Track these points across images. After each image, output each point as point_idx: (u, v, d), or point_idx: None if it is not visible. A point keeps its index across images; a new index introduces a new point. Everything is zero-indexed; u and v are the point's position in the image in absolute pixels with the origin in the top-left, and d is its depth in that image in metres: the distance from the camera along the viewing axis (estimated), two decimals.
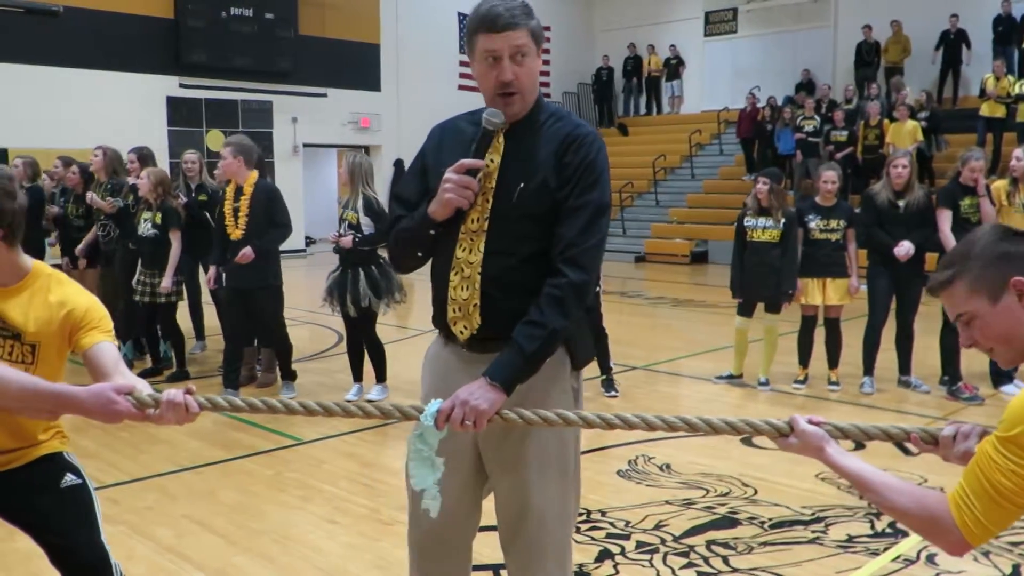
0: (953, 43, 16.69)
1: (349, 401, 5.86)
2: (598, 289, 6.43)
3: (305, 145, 18.37)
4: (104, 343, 2.31)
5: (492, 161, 2.24)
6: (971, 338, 1.81)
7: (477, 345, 2.27)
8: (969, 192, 6.30)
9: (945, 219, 6.23)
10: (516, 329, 2.16)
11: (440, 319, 2.33)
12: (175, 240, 6.77)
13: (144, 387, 2.16)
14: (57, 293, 2.34)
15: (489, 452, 2.34)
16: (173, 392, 2.10)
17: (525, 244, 2.21)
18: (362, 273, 6.08)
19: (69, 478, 2.44)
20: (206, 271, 7.30)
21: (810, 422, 1.92)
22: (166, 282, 6.75)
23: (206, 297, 7.67)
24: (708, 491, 4.51)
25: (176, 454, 5.20)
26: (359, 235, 6.02)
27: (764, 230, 6.45)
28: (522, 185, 2.20)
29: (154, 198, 6.76)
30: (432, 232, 2.25)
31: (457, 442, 2.25)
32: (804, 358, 6.76)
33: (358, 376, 6.43)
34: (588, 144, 2.22)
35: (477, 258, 2.22)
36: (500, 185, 2.22)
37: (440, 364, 2.39)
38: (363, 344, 6.35)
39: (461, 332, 2.27)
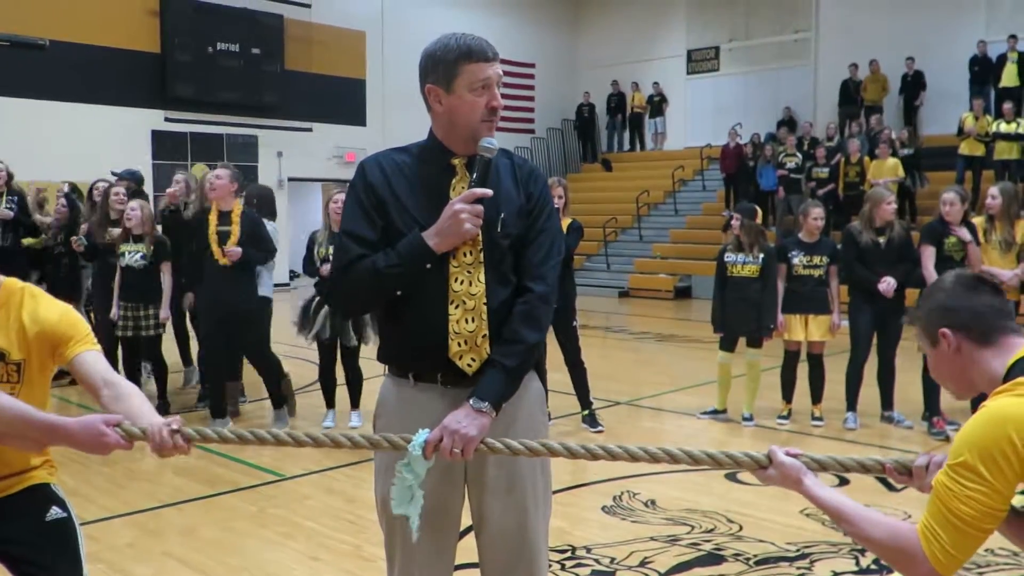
0: (911, 85, 17.04)
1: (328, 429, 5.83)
2: (575, 323, 6.48)
3: (290, 179, 18.41)
4: (88, 353, 2.30)
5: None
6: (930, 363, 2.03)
7: (470, 379, 2.25)
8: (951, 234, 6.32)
9: (928, 256, 6.25)
10: (493, 350, 2.23)
11: (431, 358, 2.26)
12: (167, 271, 6.77)
13: (138, 404, 2.16)
14: (30, 307, 2.31)
15: (478, 474, 2.32)
16: (161, 425, 2.09)
17: (514, 272, 2.31)
18: None
19: (55, 511, 2.40)
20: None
21: (788, 454, 1.97)
22: (164, 312, 6.76)
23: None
24: (693, 527, 4.50)
25: (157, 490, 5.14)
26: None
27: (743, 265, 6.49)
28: (503, 214, 2.27)
29: (144, 230, 6.75)
30: (428, 266, 2.22)
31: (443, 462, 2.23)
32: (787, 393, 6.78)
33: (331, 403, 6.57)
34: (541, 177, 2.41)
35: (479, 289, 2.24)
36: (484, 215, 2.25)
37: (418, 409, 2.29)
38: (336, 372, 6.49)
39: (469, 365, 2.24)
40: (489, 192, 2.21)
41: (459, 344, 2.24)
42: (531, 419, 2.37)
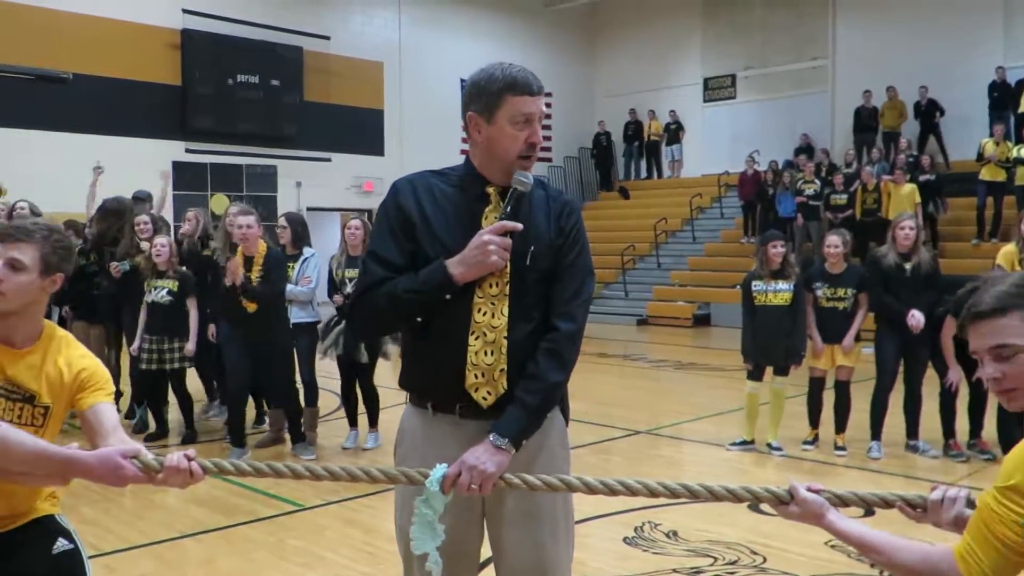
0: (926, 113, 16.99)
1: (346, 464, 5.82)
2: None
3: (309, 209, 18.50)
4: (105, 404, 2.31)
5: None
6: (1001, 372, 1.70)
7: (492, 414, 2.22)
8: None
9: (951, 327, 5.99)
10: (517, 386, 2.19)
11: (448, 388, 2.23)
12: (192, 306, 6.82)
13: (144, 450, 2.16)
14: (65, 355, 2.34)
15: (496, 507, 2.29)
16: (177, 456, 2.08)
17: (540, 307, 2.26)
18: None
19: (61, 543, 2.37)
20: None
21: (809, 489, 1.94)
22: (190, 346, 6.81)
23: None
24: (716, 559, 4.43)
25: (175, 520, 5.12)
26: None
27: (775, 293, 6.42)
28: (532, 248, 2.23)
29: (169, 266, 6.80)
30: (448, 297, 2.19)
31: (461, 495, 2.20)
32: (814, 419, 6.73)
33: (353, 422, 6.72)
34: (576, 210, 2.35)
35: (502, 322, 2.20)
36: (512, 248, 2.21)
37: (435, 439, 2.28)
38: (358, 391, 6.62)
39: (484, 398, 2.21)
40: (519, 226, 2.18)
41: (476, 376, 2.21)
42: (551, 455, 2.34)
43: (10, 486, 2.26)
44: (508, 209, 2.20)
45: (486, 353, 2.20)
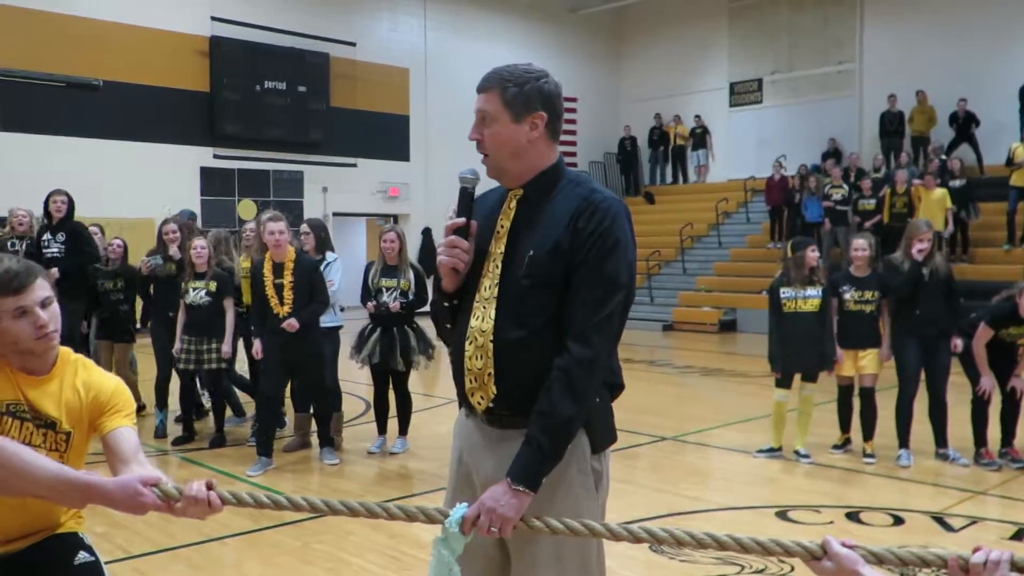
0: (963, 124, 16.79)
1: (365, 500, 5.81)
2: None
3: (335, 214, 18.62)
4: (125, 428, 2.33)
5: (503, 226, 2.21)
6: None
7: (496, 419, 2.21)
8: (1020, 324, 5.92)
9: (985, 335, 6.00)
10: (530, 420, 2.09)
11: (459, 391, 2.28)
12: (229, 307, 6.88)
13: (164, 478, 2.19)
14: (83, 377, 2.37)
15: (509, 540, 2.22)
16: (196, 487, 2.08)
17: (540, 314, 2.12)
18: (410, 331, 6.48)
19: (83, 555, 2.43)
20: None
21: (843, 544, 1.88)
22: (226, 347, 6.86)
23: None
24: (744, 567, 4.40)
25: (202, 524, 5.13)
26: (406, 300, 6.42)
27: (805, 300, 6.36)
28: (531, 252, 2.13)
29: (208, 267, 6.86)
30: (447, 304, 2.24)
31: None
32: (845, 424, 6.70)
33: (383, 429, 6.76)
34: (604, 210, 2.11)
35: (489, 326, 2.15)
36: (510, 251, 2.18)
37: (464, 435, 2.34)
38: (390, 399, 6.68)
39: (479, 403, 2.20)
40: (462, 221, 2.18)
41: (471, 381, 2.20)
42: (570, 489, 2.20)
43: (40, 505, 2.31)
44: (456, 207, 2.21)
45: (477, 357, 2.17)
